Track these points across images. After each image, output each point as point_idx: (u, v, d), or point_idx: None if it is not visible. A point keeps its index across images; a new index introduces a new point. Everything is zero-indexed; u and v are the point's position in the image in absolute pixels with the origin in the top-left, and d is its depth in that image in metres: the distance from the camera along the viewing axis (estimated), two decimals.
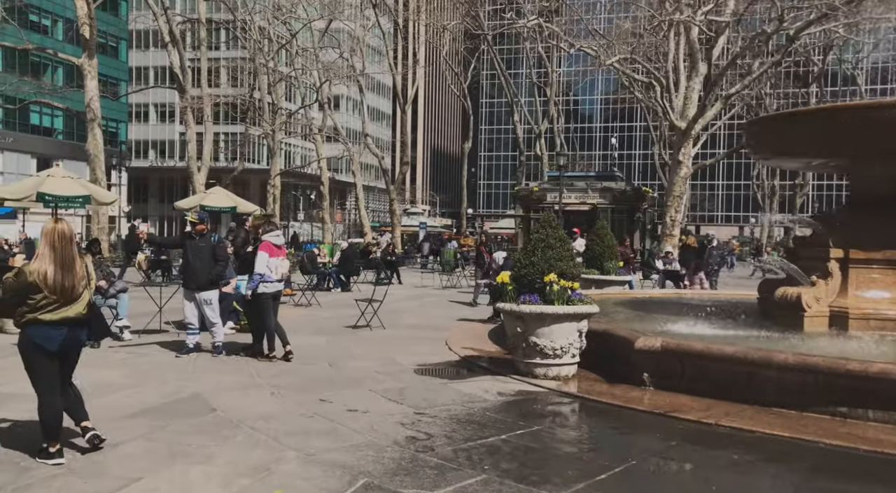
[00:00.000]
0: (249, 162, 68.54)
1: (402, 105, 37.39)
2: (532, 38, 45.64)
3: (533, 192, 29.39)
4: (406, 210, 58.26)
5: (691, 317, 9.54)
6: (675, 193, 27.52)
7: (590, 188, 29.04)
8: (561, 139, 45.58)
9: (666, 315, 9.95)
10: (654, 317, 9.89)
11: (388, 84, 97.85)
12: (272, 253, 8.15)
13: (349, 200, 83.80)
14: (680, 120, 26.84)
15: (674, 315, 9.92)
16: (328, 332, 10.84)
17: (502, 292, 7.67)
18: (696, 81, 26.87)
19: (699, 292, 13.50)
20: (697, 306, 11.53)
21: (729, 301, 12.27)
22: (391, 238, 34.11)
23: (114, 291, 9.61)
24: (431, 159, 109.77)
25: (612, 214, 28.87)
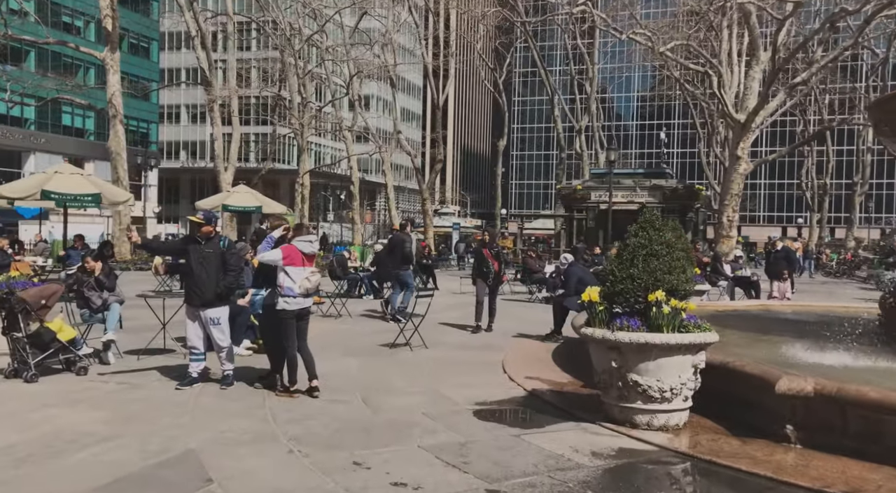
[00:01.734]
0: (279, 162, 67.66)
1: (436, 100, 35.72)
2: (570, 31, 43.70)
3: (576, 190, 27.51)
4: (436, 211, 56.59)
5: (810, 339, 7.68)
6: (732, 192, 25.48)
7: (638, 186, 27.06)
8: (602, 136, 43.52)
9: (778, 336, 8.11)
10: (766, 339, 8.04)
11: (418, 84, 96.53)
12: (296, 261, 6.49)
13: (379, 200, 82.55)
14: (738, 112, 24.77)
15: (787, 336, 8.07)
16: (361, 352, 9.18)
17: (590, 313, 5.90)
18: (756, 70, 24.80)
19: (787, 303, 11.58)
20: (802, 323, 9.65)
21: (834, 315, 10.36)
22: (427, 238, 32.41)
23: (99, 300, 8.04)
24: (461, 159, 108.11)
25: (662, 215, 26.43)
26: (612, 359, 5.63)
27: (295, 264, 6.48)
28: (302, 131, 28.18)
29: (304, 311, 6.65)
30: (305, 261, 6.55)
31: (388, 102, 75.64)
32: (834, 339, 7.70)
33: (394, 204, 36.82)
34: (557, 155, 44.40)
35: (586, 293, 5.91)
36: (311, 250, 6.61)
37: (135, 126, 66.37)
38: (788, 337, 8.00)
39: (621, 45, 74.58)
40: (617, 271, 5.83)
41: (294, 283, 6.45)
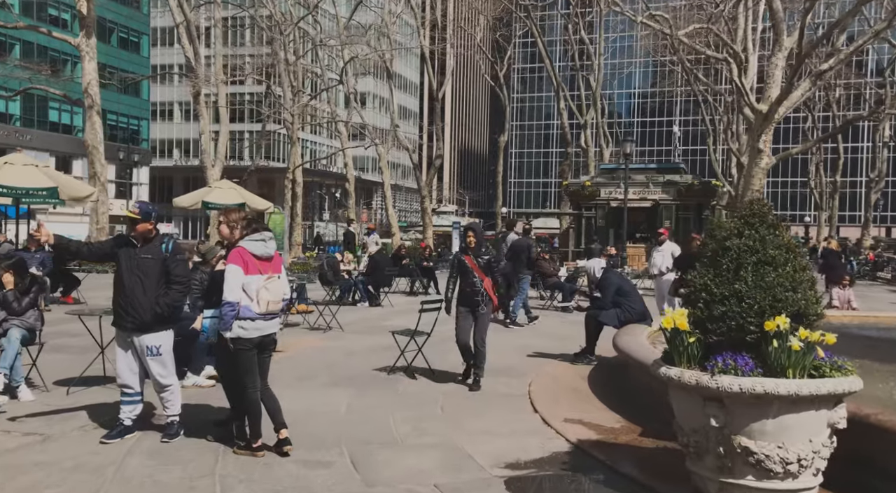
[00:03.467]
0: (274, 160, 65.85)
1: (433, 89, 33.97)
2: (573, 22, 42.00)
3: (585, 187, 25.78)
4: (434, 209, 54.92)
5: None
6: (753, 188, 23.72)
7: (651, 182, 25.36)
8: (606, 131, 41.82)
9: (885, 364, 6.41)
10: (869, 366, 6.32)
11: (414, 81, 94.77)
12: (250, 268, 4.76)
13: (375, 199, 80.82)
14: (760, 102, 23.06)
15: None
16: (352, 380, 7.44)
17: (673, 346, 4.16)
18: (779, 57, 23.05)
19: (854, 314, 9.88)
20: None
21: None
22: (426, 238, 30.67)
23: None
24: (459, 157, 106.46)
25: (677, 212, 25.17)
26: (711, 415, 3.90)
27: (249, 271, 4.74)
28: (293, 122, 26.36)
29: (266, 339, 4.90)
30: (261, 266, 4.81)
31: (384, 100, 73.99)
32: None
33: (391, 202, 35.10)
34: (558, 152, 42.78)
35: (669, 319, 4.16)
36: (265, 251, 4.86)
37: (125, 123, 64.59)
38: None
39: (622, 41, 72.99)
40: (714, 287, 4.09)
41: (251, 299, 4.71)
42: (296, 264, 21.77)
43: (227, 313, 4.67)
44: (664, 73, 73.93)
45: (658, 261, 12.11)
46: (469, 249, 7.28)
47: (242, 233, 4.88)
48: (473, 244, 7.26)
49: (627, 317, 8.00)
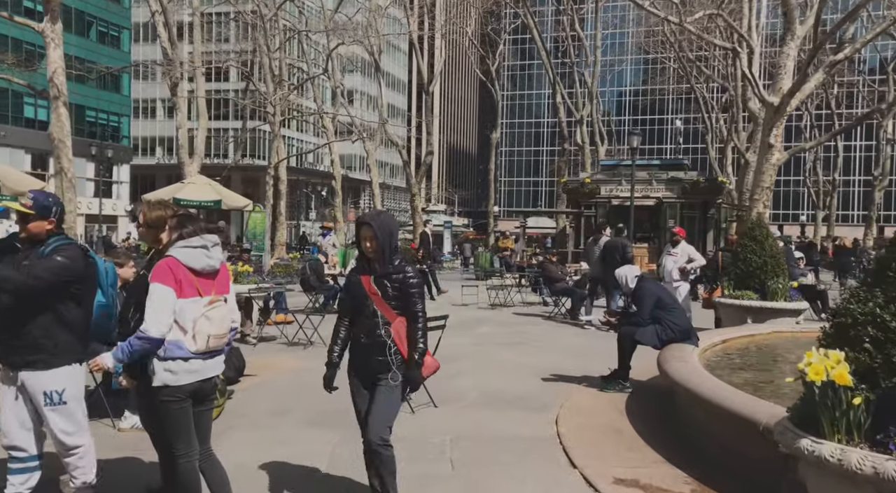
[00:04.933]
0: (258, 159, 64.11)
1: (426, 87, 32.54)
2: (568, 14, 40.68)
3: (585, 184, 24.43)
4: (424, 208, 53.52)
5: None
6: (763, 185, 22.40)
7: (654, 179, 24.04)
8: (601, 128, 40.55)
9: None
10: None
11: (402, 79, 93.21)
12: (185, 288, 3.30)
13: (363, 198, 79.25)
14: (771, 95, 21.78)
15: None
16: (338, 417, 5.97)
17: (822, 407, 2.72)
18: (791, 46, 21.74)
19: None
20: None
21: None
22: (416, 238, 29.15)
23: None
24: (447, 156, 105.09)
25: (682, 210, 23.86)
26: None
27: (182, 295, 3.29)
28: (275, 113, 24.76)
29: (206, 385, 3.43)
30: (201, 285, 3.35)
31: (372, 97, 72.51)
32: None
33: (379, 201, 33.61)
34: (549, 151, 41.45)
35: (818, 367, 2.74)
36: (208, 263, 3.39)
37: (105, 119, 62.70)
38: None
39: (613, 38, 71.89)
40: (891, 317, 2.67)
41: (185, 332, 3.26)
42: (278, 267, 20.27)
43: (137, 348, 3.21)
44: (657, 70, 73.14)
45: (671, 266, 10.78)
46: (367, 261, 3.72)
47: (172, 236, 3.41)
48: (374, 251, 3.65)
49: (670, 335, 6.59)
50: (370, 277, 3.70)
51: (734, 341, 7.49)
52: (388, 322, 3.67)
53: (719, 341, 7.25)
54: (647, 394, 6.71)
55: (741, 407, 4.13)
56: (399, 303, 3.67)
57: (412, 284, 3.67)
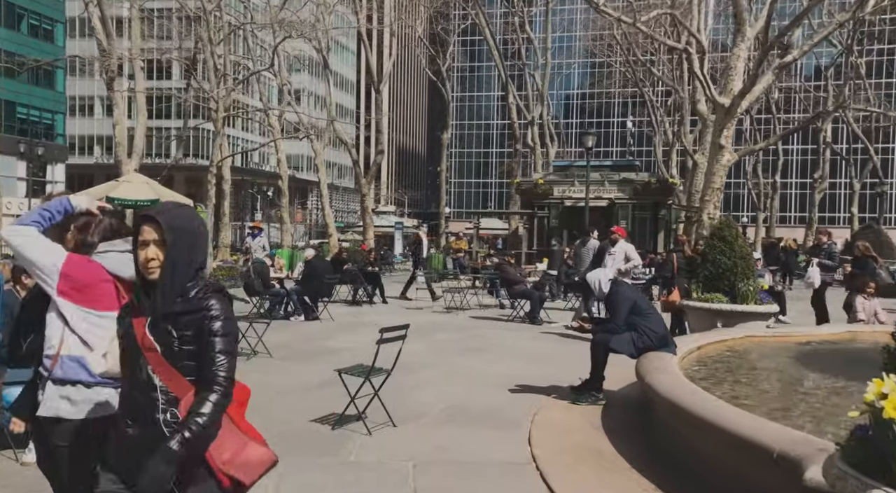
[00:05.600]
0: (202, 159, 62.05)
1: (376, 84, 31.80)
2: (518, 15, 40.49)
3: (538, 185, 24.16)
4: (374, 209, 52.75)
5: None
6: (714, 186, 22.52)
7: (606, 180, 23.95)
8: (552, 130, 40.51)
9: None
10: None
11: (351, 79, 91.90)
12: (102, 297, 2.61)
13: (311, 199, 77.76)
14: (722, 96, 21.89)
15: None
16: (281, 442, 5.31)
17: (877, 449, 2.22)
18: (741, 48, 21.88)
19: (885, 329, 8.34)
20: None
21: None
22: (367, 240, 28.40)
23: None
24: (396, 157, 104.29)
25: (633, 211, 23.86)
26: None
27: (95, 305, 2.61)
28: (217, 109, 23.61)
29: (103, 422, 2.68)
30: (123, 295, 2.66)
31: (320, 97, 71.27)
32: None
33: (327, 201, 32.66)
34: (498, 152, 41.20)
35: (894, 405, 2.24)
36: (130, 271, 2.60)
37: (37, 116, 59.82)
38: None
39: (560, 41, 72.40)
40: None
41: (90, 348, 2.58)
42: (221, 269, 19.27)
43: None
44: (603, 74, 73.94)
45: (609, 264, 10.38)
46: (145, 289, 2.24)
47: (91, 237, 2.73)
48: (159, 270, 2.19)
49: (646, 343, 6.15)
50: (145, 319, 2.18)
51: (709, 347, 7.11)
52: (175, 399, 2.17)
53: (695, 348, 6.85)
54: (622, 406, 6.24)
55: (748, 430, 3.66)
56: (193, 363, 2.17)
57: (218, 328, 2.16)
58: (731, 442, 3.78)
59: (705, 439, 4.13)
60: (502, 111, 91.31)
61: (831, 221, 64.49)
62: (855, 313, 8.84)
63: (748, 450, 3.61)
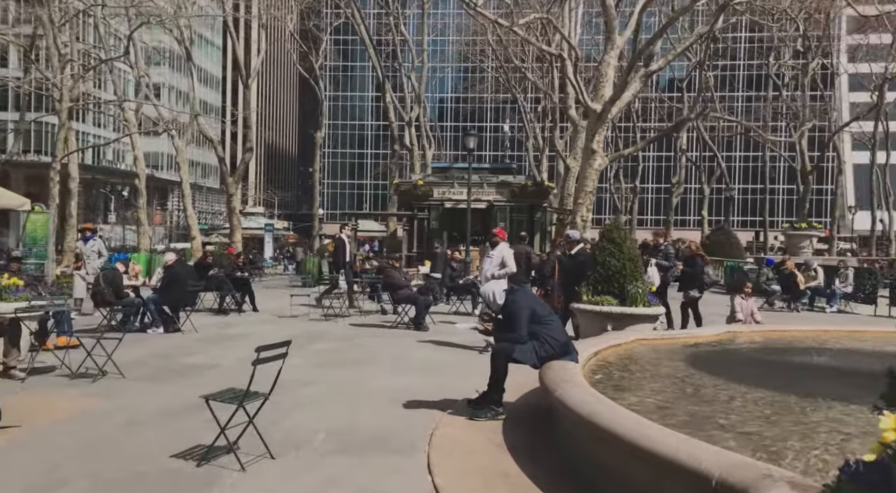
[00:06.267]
0: (45, 155, 56.40)
1: (244, 79, 30.14)
2: (394, 15, 40.03)
3: (418, 186, 23.76)
4: (241, 211, 50.41)
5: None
6: (587, 189, 23.16)
7: (485, 182, 23.97)
8: (429, 132, 40.39)
9: None
10: None
11: (216, 74, 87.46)
12: None
13: (172, 199, 73.12)
14: (594, 102, 22.50)
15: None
16: (136, 487, 4.39)
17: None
18: (611, 55, 22.63)
19: (761, 329, 8.57)
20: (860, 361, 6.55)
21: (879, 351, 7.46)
22: (234, 242, 26.73)
23: None
24: (266, 157, 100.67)
25: (511, 213, 24.06)
26: None
27: None
28: (61, 99, 21.16)
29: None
30: None
31: (182, 92, 67.28)
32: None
33: (190, 202, 30.53)
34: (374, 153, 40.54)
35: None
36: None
37: None
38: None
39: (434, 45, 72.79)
40: None
41: None
42: (65, 276, 17.21)
43: None
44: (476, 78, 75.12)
45: (486, 267, 10.09)
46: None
47: None
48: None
49: (549, 351, 5.76)
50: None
51: (605, 352, 6.87)
52: None
53: (593, 353, 6.56)
54: (524, 419, 5.82)
55: (681, 455, 3.27)
56: None
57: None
58: (661, 466, 3.39)
59: (627, 461, 3.73)
60: (377, 112, 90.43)
61: (685, 224, 69.08)
62: (734, 313, 9.02)
63: (682, 475, 3.22)
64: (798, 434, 4.19)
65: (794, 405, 5.03)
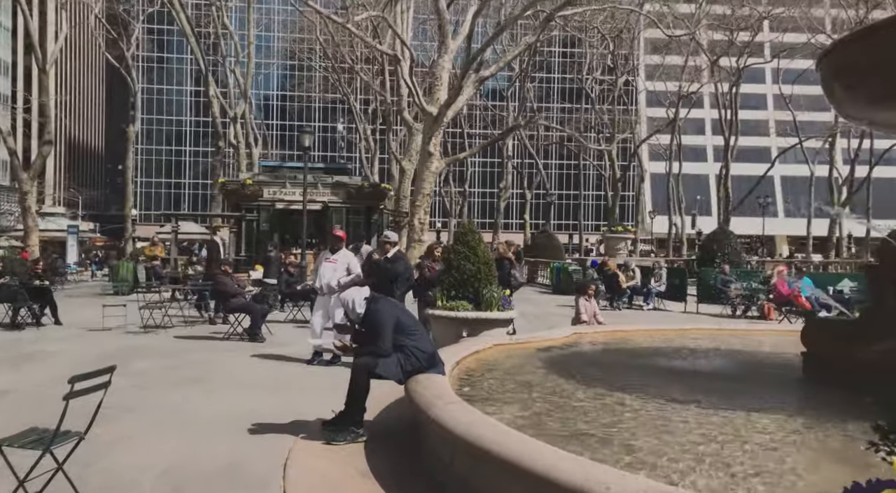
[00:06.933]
0: None
1: (41, 63, 26.73)
2: (216, 6, 37.68)
3: (246, 185, 22.37)
4: (38, 210, 44.87)
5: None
6: (424, 192, 23.27)
7: (320, 183, 23.12)
8: (255, 130, 38.49)
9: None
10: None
11: (6, 59, 77.43)
12: None
13: None
14: (430, 105, 22.58)
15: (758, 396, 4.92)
16: None
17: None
18: (445, 59, 22.90)
19: (605, 329, 8.80)
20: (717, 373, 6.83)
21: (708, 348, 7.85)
22: (30, 247, 23.51)
23: None
24: (68, 151, 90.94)
25: (348, 215, 23.45)
26: None
27: None
28: None
29: None
30: None
31: None
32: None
33: None
34: (192, 151, 37.91)
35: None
36: None
37: None
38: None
39: (260, 40, 69.96)
40: None
41: None
42: None
43: None
44: (304, 77, 73.21)
45: (328, 274, 9.14)
46: None
47: None
48: None
49: (415, 365, 5.34)
50: None
51: (466, 361, 6.59)
52: None
53: (455, 363, 6.24)
54: (387, 440, 5.33)
55: (576, 480, 2.99)
56: None
57: None
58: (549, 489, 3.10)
59: (514, 487, 3.40)
60: (197, 107, 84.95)
61: (509, 227, 72.26)
62: (578, 315, 9.20)
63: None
64: (687, 444, 4.12)
65: (664, 410, 5.03)
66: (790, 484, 3.45)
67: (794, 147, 46.31)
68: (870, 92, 5.84)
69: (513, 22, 22.84)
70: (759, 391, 5.69)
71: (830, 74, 6.02)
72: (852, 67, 5.88)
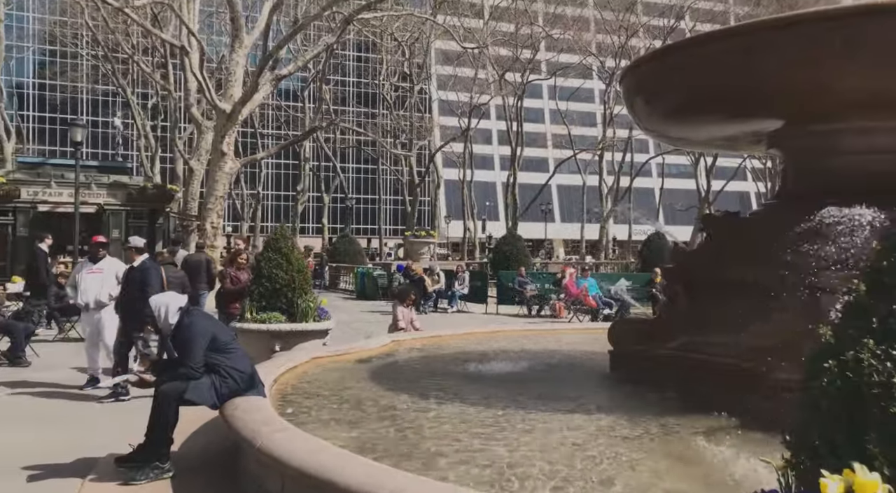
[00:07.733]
0: None
1: None
2: None
3: (0, 184, 19.36)
4: None
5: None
6: (217, 194, 21.81)
7: (94, 183, 20.70)
8: (7, 121, 33.59)
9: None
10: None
11: None
12: None
13: None
14: (223, 101, 21.23)
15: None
16: None
17: None
18: (240, 54, 21.70)
19: (423, 336, 8.72)
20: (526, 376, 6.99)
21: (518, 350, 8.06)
22: None
23: None
24: None
25: (128, 219, 21.33)
26: None
27: None
28: None
29: None
30: None
31: None
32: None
33: None
34: None
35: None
36: None
37: None
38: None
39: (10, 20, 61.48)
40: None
41: None
42: None
43: None
44: (68, 64, 65.51)
45: (95, 287, 7.93)
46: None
47: None
48: None
49: (232, 387, 4.76)
50: None
51: (283, 377, 6.10)
52: None
53: (272, 382, 5.73)
54: (199, 473, 4.71)
55: None
56: None
57: None
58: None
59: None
60: None
61: (306, 231, 70.67)
62: (396, 321, 9.06)
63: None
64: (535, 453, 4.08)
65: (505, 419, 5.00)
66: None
67: (569, 159, 50.69)
68: (665, 107, 6.36)
69: (312, 20, 22.27)
70: (578, 391, 5.91)
71: (632, 90, 6.45)
72: (650, 84, 6.36)
